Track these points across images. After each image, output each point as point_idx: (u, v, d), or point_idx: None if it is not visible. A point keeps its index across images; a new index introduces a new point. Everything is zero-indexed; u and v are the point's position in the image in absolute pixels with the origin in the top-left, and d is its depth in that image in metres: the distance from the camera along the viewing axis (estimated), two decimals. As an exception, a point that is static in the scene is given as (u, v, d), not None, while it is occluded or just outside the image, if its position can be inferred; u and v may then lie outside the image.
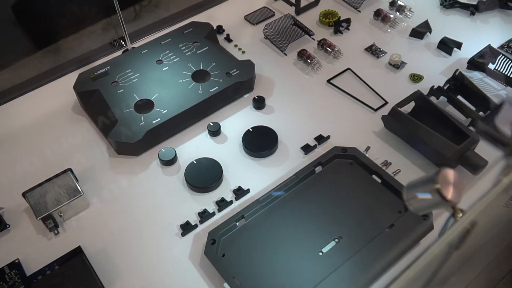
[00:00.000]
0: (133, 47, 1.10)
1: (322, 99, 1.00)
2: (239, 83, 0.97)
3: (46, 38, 1.16)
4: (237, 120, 0.97)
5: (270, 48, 1.11)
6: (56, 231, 0.81)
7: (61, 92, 1.02)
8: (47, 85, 1.05)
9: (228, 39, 1.13)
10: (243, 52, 1.10)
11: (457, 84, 0.95)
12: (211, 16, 1.20)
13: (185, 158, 0.91)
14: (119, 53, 1.11)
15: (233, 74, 0.98)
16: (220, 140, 0.94)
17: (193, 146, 0.93)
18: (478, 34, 1.11)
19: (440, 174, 0.46)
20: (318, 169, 0.86)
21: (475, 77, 1.02)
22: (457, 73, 0.95)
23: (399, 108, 0.89)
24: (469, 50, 1.05)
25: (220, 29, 1.14)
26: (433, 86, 0.95)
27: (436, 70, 1.04)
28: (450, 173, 0.45)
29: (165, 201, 0.85)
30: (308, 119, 0.96)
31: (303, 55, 1.05)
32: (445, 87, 0.95)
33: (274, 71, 1.06)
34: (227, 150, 0.92)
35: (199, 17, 1.20)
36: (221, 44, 1.11)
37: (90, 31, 1.20)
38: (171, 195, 0.86)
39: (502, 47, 1.07)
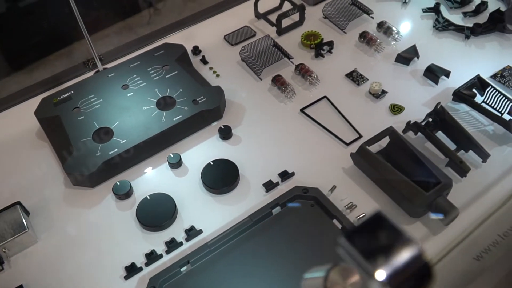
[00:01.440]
0: (105, 68, 1.07)
1: (293, 130, 0.94)
2: (206, 111, 0.93)
3: (18, 58, 1.14)
4: (201, 151, 0.92)
5: (246, 72, 1.06)
6: (0, 267, 0.78)
7: (27, 116, 1.00)
8: (13, 107, 1.02)
9: (204, 60, 1.08)
10: (218, 75, 1.05)
11: (437, 119, 0.88)
12: (190, 35, 1.15)
13: (142, 191, 0.87)
14: (91, 74, 1.07)
15: (199, 101, 0.94)
16: (181, 173, 0.89)
17: (152, 178, 0.89)
18: (471, 60, 1.03)
19: (332, 272, 0.40)
20: (277, 209, 0.80)
21: (461, 110, 0.94)
22: (438, 107, 0.88)
23: (367, 147, 0.82)
24: (459, 78, 0.97)
25: (196, 50, 1.09)
26: (409, 121, 0.88)
27: (419, 101, 0.96)
28: (344, 273, 0.39)
29: (115, 239, 0.81)
30: (276, 152, 0.90)
31: (276, 82, 0.99)
32: (424, 122, 0.88)
33: (247, 97, 1.00)
34: (186, 184, 0.87)
35: (178, 36, 1.16)
36: (196, 66, 1.06)
37: (68, 50, 1.17)
38: (122, 232, 0.82)
39: (495, 76, 0.98)
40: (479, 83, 0.93)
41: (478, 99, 0.94)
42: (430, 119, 0.88)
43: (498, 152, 0.87)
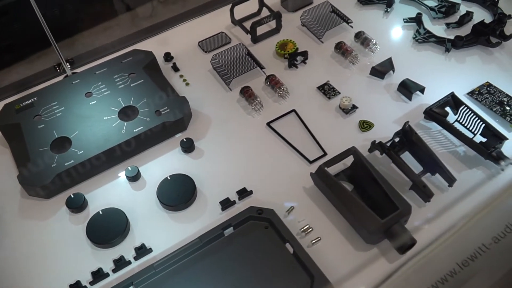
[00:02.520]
0: (74, 73, 1.05)
1: (258, 144, 0.91)
2: (168, 123, 0.90)
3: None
4: (161, 164, 0.90)
5: (216, 81, 1.03)
6: None
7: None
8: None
9: (175, 68, 1.05)
10: (187, 84, 1.02)
11: (404, 139, 0.84)
12: (165, 40, 1.13)
13: (97, 205, 0.85)
14: (61, 78, 1.05)
15: (163, 112, 0.91)
16: (138, 187, 0.87)
17: (108, 192, 0.87)
18: (450, 75, 0.99)
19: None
20: (230, 230, 0.78)
21: (434, 128, 0.90)
22: (406, 126, 0.84)
23: (326, 168, 0.79)
24: (434, 94, 0.93)
25: (168, 57, 1.07)
26: (374, 141, 0.84)
27: (391, 118, 0.92)
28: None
29: (64, 254, 0.79)
30: (237, 168, 0.88)
31: (244, 93, 0.96)
32: (391, 141, 0.85)
33: (215, 107, 0.98)
34: (142, 199, 0.85)
35: (153, 41, 1.13)
36: (167, 74, 1.04)
37: (41, 53, 1.15)
38: (72, 247, 0.80)
39: (472, 93, 0.94)
40: (452, 101, 0.89)
41: (452, 117, 0.90)
42: (398, 139, 0.85)
43: (467, 175, 0.83)
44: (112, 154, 0.87)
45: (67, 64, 1.08)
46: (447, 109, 0.89)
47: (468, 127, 0.87)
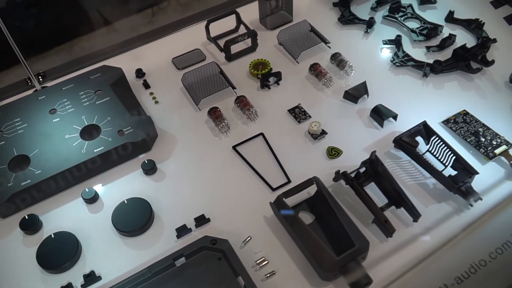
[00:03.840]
0: (43, 87, 1.03)
1: (222, 168, 0.88)
2: (130, 144, 0.88)
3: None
4: (121, 186, 0.87)
5: (187, 100, 1.00)
6: None
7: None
8: None
9: (146, 84, 1.03)
10: (157, 102, 1.00)
11: (369, 170, 0.81)
12: (138, 56, 1.10)
13: (52, 227, 0.82)
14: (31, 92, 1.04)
15: (125, 132, 0.89)
16: (95, 209, 0.84)
17: (64, 214, 0.84)
18: (426, 102, 0.95)
19: None
20: (182, 260, 0.75)
21: (404, 158, 0.87)
22: (372, 155, 0.81)
23: (285, 198, 0.76)
24: (408, 122, 0.90)
25: (139, 73, 1.04)
26: (338, 170, 0.81)
27: (361, 145, 0.89)
28: None
29: (12, 279, 0.77)
30: (198, 192, 0.85)
31: (212, 114, 0.94)
32: (355, 172, 0.81)
33: (182, 128, 0.95)
34: (98, 222, 0.82)
35: (127, 56, 1.11)
36: (137, 91, 1.02)
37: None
38: (23, 270, 0.78)
39: (447, 121, 0.91)
40: (424, 131, 0.86)
41: (424, 147, 0.86)
42: (364, 169, 0.82)
43: (435, 209, 0.80)
44: (70, 175, 0.85)
45: (39, 77, 1.06)
46: (418, 138, 0.86)
47: (439, 158, 0.84)
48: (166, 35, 1.14)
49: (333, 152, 0.88)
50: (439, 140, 0.84)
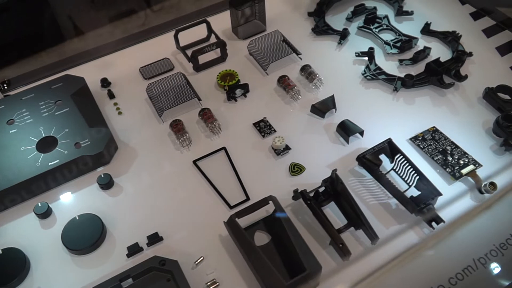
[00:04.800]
0: (6, 95, 1.00)
1: (181, 184, 0.85)
2: (87, 157, 0.85)
3: None
4: (76, 201, 0.85)
5: (151, 111, 0.98)
6: None
7: None
8: None
9: (110, 94, 1.00)
10: (120, 113, 0.97)
11: (329, 189, 0.78)
12: (106, 64, 1.08)
13: (2, 242, 0.80)
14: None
15: (82, 145, 0.86)
16: (48, 225, 0.82)
17: (16, 229, 0.82)
18: (396, 117, 0.92)
19: None
20: (129, 281, 0.72)
21: (368, 176, 0.84)
22: (333, 174, 0.78)
23: (237, 218, 0.73)
24: (375, 138, 0.87)
25: (104, 82, 1.02)
26: (297, 189, 0.78)
27: (325, 161, 0.86)
28: None
29: (-44, 296, 0.74)
30: (154, 209, 0.82)
31: (173, 128, 0.91)
32: (314, 191, 0.78)
33: (144, 141, 0.92)
34: (49, 239, 0.80)
35: (93, 65, 1.08)
36: (101, 101, 0.99)
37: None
38: (-34, 289, 0.75)
39: (415, 138, 0.88)
40: (389, 148, 0.83)
41: (389, 165, 0.84)
42: (323, 188, 0.79)
43: (395, 231, 0.77)
44: (23, 188, 0.83)
45: (4, 85, 1.04)
46: (382, 156, 0.83)
47: (403, 177, 0.81)
48: (136, 43, 1.12)
49: (296, 169, 0.85)
50: (403, 159, 0.81)
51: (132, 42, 1.11)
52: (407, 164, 0.80)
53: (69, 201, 0.85)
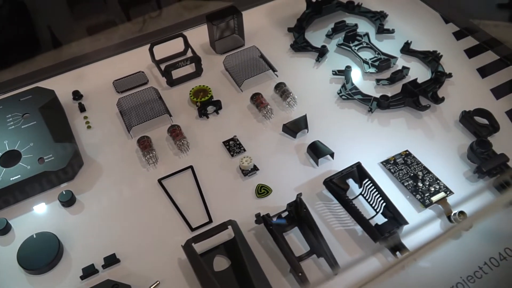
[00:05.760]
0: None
1: (144, 203, 0.83)
2: (50, 173, 0.83)
3: None
4: (36, 218, 0.83)
5: (121, 126, 0.96)
6: None
7: None
8: None
9: (81, 108, 0.99)
10: (89, 127, 0.96)
11: (292, 215, 0.76)
12: (80, 76, 1.06)
13: (-44, 259, 0.78)
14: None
15: (46, 160, 0.84)
16: (6, 242, 0.80)
17: (-29, 245, 0.80)
18: (369, 139, 0.90)
19: None
20: (81, 305, 0.70)
21: (335, 201, 0.81)
22: (297, 199, 0.76)
23: (194, 243, 0.71)
24: (346, 160, 0.85)
25: (76, 95, 1.00)
26: (259, 213, 0.76)
27: (293, 184, 0.84)
28: None
29: None
30: (115, 228, 0.80)
31: (140, 145, 0.89)
32: (277, 216, 0.76)
33: (111, 156, 0.91)
34: (6, 257, 0.78)
35: (67, 77, 1.07)
36: (71, 114, 0.98)
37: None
38: None
39: (387, 162, 0.85)
40: (357, 173, 0.81)
41: (354, 192, 0.81)
42: (287, 212, 0.77)
43: (358, 259, 0.74)
44: (-18, 204, 0.81)
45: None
46: (350, 181, 0.81)
47: (371, 203, 0.79)
48: (112, 55, 1.10)
49: (262, 191, 0.83)
50: (371, 184, 0.78)
51: (108, 54, 1.10)
52: (375, 190, 0.78)
53: (30, 218, 0.83)
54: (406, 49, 1.04)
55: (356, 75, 1.01)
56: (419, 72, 1.01)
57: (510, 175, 0.79)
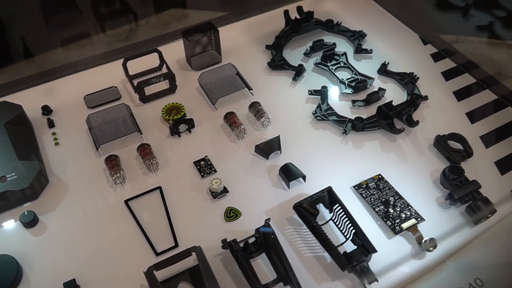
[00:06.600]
0: None
1: (109, 225, 0.81)
2: (11, 192, 0.80)
3: None
4: (-3, 238, 0.80)
5: (89, 143, 0.93)
6: None
7: None
8: None
9: (50, 123, 0.96)
10: (57, 143, 0.93)
11: (259, 240, 0.74)
12: (51, 90, 1.04)
13: None
14: None
15: (8, 179, 0.82)
16: (-38, 264, 0.77)
17: None
18: (342, 162, 0.89)
19: None
20: (37, 334, 0.67)
21: (305, 226, 0.80)
22: (265, 224, 0.74)
23: (155, 271, 0.69)
24: (319, 184, 0.84)
25: (45, 110, 0.98)
26: (225, 239, 0.74)
27: (263, 207, 0.82)
28: None
29: None
30: (77, 252, 0.78)
31: (107, 163, 0.87)
32: (244, 242, 0.74)
33: (78, 175, 0.88)
34: (-39, 280, 0.75)
35: (37, 90, 1.04)
36: (39, 130, 0.95)
37: None
38: None
39: (359, 186, 0.84)
40: (328, 197, 0.79)
41: (328, 215, 0.80)
42: (254, 238, 0.75)
43: (327, 288, 0.72)
44: None
45: None
46: (320, 206, 0.79)
47: (341, 229, 0.77)
48: (86, 69, 1.08)
49: (232, 214, 0.81)
50: (342, 210, 0.77)
51: (81, 67, 1.07)
52: (345, 216, 0.76)
53: (-11, 239, 0.80)
54: (383, 70, 1.03)
55: (333, 96, 1.00)
56: (395, 94, 1.00)
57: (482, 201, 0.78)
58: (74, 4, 1.12)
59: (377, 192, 0.83)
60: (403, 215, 0.79)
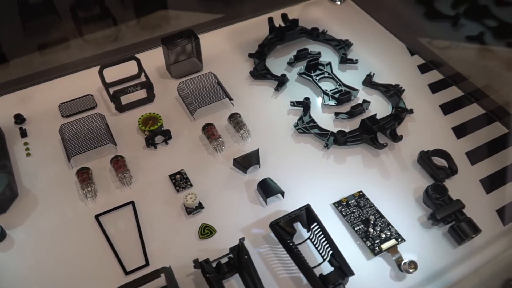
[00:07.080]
0: None
1: (79, 241, 0.78)
2: (-23, 205, 0.77)
3: None
4: (-41, 254, 0.76)
5: (62, 154, 0.90)
6: None
7: None
8: None
9: (22, 133, 0.92)
10: (29, 154, 0.90)
11: (232, 261, 0.71)
12: (25, 97, 1.01)
13: None
14: None
15: (-26, 192, 0.78)
16: None
17: None
18: (322, 178, 0.86)
19: None
20: None
21: (281, 246, 0.77)
22: (239, 244, 0.71)
23: (123, 293, 0.66)
24: (298, 200, 0.81)
25: (18, 119, 0.94)
26: (197, 259, 0.71)
27: (240, 224, 0.79)
28: None
29: None
30: (43, 269, 0.74)
31: (79, 176, 0.83)
32: (216, 262, 0.71)
33: (49, 187, 0.85)
34: None
35: (10, 98, 1.01)
36: (11, 139, 0.92)
37: None
38: None
39: (339, 203, 0.81)
40: (306, 215, 0.76)
41: (305, 234, 0.77)
42: (227, 259, 0.72)
43: (302, 312, 0.70)
44: None
45: None
46: (297, 225, 0.76)
47: (319, 250, 0.74)
48: (61, 76, 1.04)
49: (206, 231, 0.78)
50: (319, 229, 0.74)
51: (57, 74, 1.04)
52: (323, 235, 0.73)
53: (-49, 255, 0.76)
54: (368, 81, 1.01)
55: (315, 107, 0.97)
56: (379, 107, 0.98)
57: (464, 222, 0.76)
58: (52, 8, 1.09)
59: (357, 210, 0.80)
60: (383, 235, 0.76)
